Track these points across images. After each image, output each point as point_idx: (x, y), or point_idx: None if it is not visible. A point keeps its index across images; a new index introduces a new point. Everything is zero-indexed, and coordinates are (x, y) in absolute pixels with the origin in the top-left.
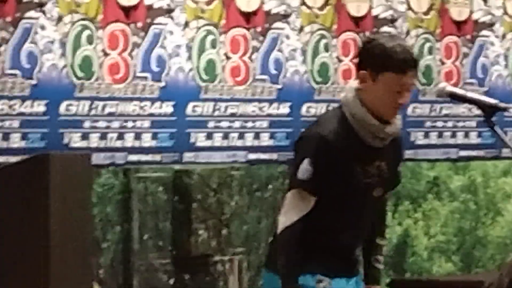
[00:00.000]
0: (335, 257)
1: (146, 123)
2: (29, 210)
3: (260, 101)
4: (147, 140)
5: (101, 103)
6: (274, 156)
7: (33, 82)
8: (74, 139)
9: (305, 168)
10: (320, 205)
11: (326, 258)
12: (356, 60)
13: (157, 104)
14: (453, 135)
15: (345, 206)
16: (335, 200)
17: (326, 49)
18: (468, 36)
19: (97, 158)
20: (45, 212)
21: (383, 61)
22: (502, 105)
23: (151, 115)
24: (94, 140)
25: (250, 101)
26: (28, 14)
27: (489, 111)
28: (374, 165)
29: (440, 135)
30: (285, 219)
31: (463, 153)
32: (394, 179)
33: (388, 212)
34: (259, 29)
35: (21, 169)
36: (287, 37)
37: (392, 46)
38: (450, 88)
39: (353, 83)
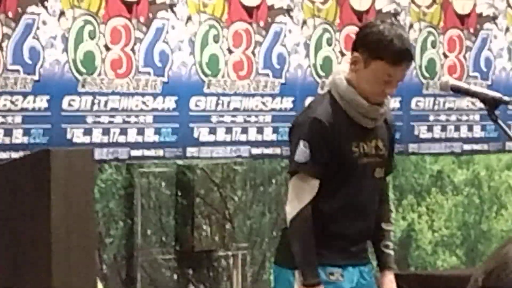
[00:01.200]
0: (345, 243)
1: (149, 118)
2: (31, 206)
3: (263, 95)
4: (150, 135)
5: (103, 98)
6: (277, 150)
7: (35, 77)
8: (77, 135)
9: (301, 150)
10: (323, 189)
11: (335, 245)
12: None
13: (160, 99)
14: (457, 129)
15: (348, 188)
16: (338, 182)
17: (329, 43)
18: (472, 30)
19: (100, 153)
20: (47, 207)
21: (378, 49)
22: (506, 98)
23: (154, 110)
24: (97, 135)
25: (253, 95)
26: (30, 9)
27: (492, 104)
28: (370, 145)
29: (443, 129)
30: (291, 209)
31: (467, 146)
32: (391, 162)
33: (390, 197)
34: (261, 23)
35: (23, 164)
36: (290, 31)
37: (389, 35)
38: (453, 82)
39: (340, 66)
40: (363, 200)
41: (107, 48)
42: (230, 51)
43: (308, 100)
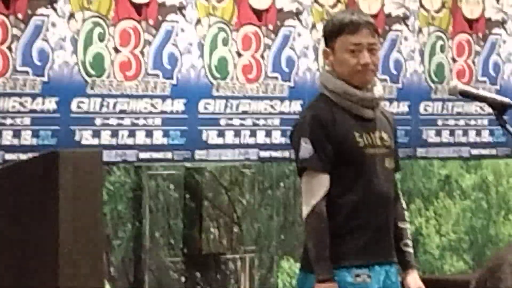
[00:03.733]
0: (369, 237)
1: (158, 121)
2: (39, 208)
3: (271, 98)
4: (158, 138)
5: (112, 100)
6: (285, 154)
7: (45, 79)
8: (85, 136)
9: (304, 147)
10: (340, 184)
11: (360, 240)
12: None
13: (169, 101)
14: (465, 134)
15: (363, 180)
16: (352, 175)
17: None
18: (480, 34)
19: (108, 156)
20: (55, 209)
21: (334, 29)
22: None
23: (163, 112)
24: (106, 138)
25: (261, 98)
26: (39, 11)
27: (500, 109)
28: (375, 136)
29: (452, 133)
30: (305, 207)
31: (475, 151)
32: (397, 158)
33: (401, 194)
34: (271, 26)
35: (31, 166)
36: (299, 34)
37: (341, 14)
38: (462, 86)
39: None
40: (380, 190)
41: (116, 50)
42: (239, 54)
43: None
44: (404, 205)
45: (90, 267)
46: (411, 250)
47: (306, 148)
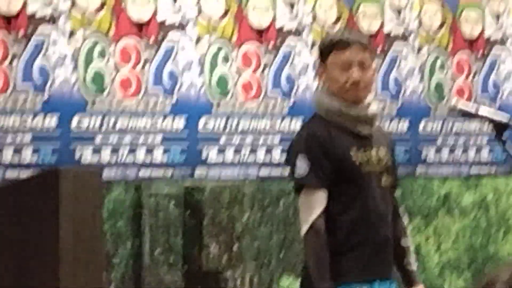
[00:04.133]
0: (369, 253)
1: (158, 138)
2: (39, 226)
3: (272, 116)
4: (158, 156)
5: (112, 118)
6: (285, 172)
7: (45, 97)
8: (86, 154)
9: (300, 164)
10: (339, 202)
11: (360, 257)
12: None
13: (169, 119)
14: (465, 152)
15: (361, 198)
16: (351, 193)
17: None
18: (480, 53)
19: (109, 173)
20: (56, 227)
21: (325, 48)
22: None
23: (163, 130)
24: (106, 155)
25: (262, 116)
26: (40, 28)
27: (500, 127)
28: (371, 154)
29: (451, 152)
30: (303, 225)
31: (475, 169)
32: (396, 174)
33: (401, 211)
34: (271, 45)
35: (32, 184)
36: (299, 53)
37: (335, 34)
38: (461, 105)
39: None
40: (376, 208)
41: (117, 68)
42: (239, 72)
43: None
44: (406, 222)
45: (90, 284)
46: (414, 268)
47: (302, 165)
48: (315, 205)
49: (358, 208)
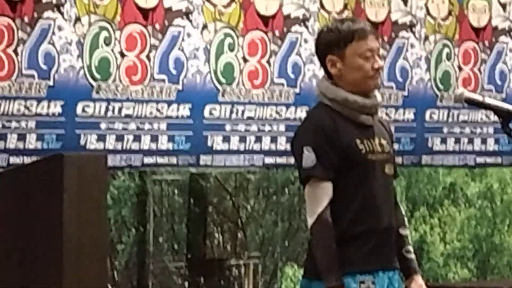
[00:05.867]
0: (373, 243)
1: (163, 126)
2: (43, 211)
3: (277, 104)
4: (163, 143)
5: (118, 105)
6: (291, 160)
7: (50, 83)
8: (90, 141)
9: (307, 156)
10: (343, 191)
11: (364, 246)
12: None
13: (174, 106)
14: (470, 142)
15: (365, 186)
16: (355, 182)
17: None
18: (487, 43)
19: (113, 160)
20: (60, 213)
21: (342, 37)
22: None
23: (168, 117)
24: (111, 142)
25: (267, 104)
26: (46, 14)
27: (506, 117)
28: (375, 142)
29: (457, 141)
30: (310, 216)
31: (480, 159)
32: (395, 163)
33: (399, 201)
34: (277, 32)
35: (36, 170)
36: (306, 41)
37: (343, 23)
38: (468, 94)
39: (319, 79)
40: (382, 197)
41: (122, 55)
42: (245, 60)
43: None
44: (403, 211)
45: (94, 271)
46: (413, 256)
47: (309, 157)
48: (322, 197)
49: (362, 197)
